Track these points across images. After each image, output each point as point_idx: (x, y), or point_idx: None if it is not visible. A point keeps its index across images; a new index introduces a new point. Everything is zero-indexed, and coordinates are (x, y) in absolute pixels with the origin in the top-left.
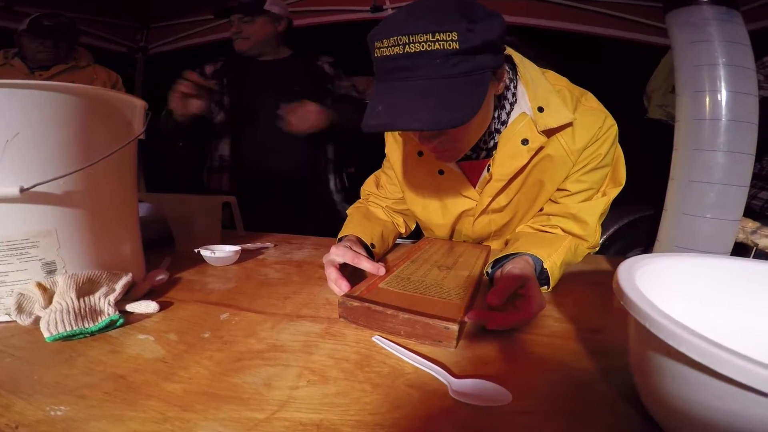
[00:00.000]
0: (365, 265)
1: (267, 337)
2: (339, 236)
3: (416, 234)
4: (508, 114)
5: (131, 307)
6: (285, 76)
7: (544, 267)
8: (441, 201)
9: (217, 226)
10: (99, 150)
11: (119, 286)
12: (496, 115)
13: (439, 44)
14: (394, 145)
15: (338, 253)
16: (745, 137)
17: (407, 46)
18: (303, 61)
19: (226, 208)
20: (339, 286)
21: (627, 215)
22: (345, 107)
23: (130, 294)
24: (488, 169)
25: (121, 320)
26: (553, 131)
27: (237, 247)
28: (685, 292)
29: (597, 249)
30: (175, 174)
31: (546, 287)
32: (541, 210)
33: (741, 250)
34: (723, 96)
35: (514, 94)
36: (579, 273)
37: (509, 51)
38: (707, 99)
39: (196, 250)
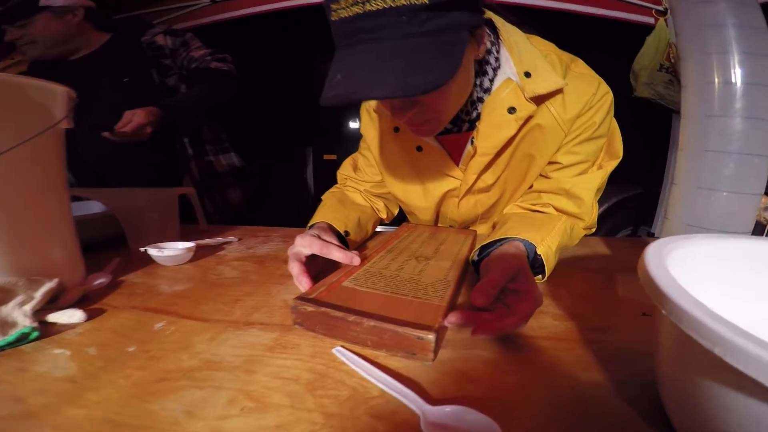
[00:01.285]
0: (336, 255)
1: (203, 351)
2: (309, 224)
3: (401, 220)
4: (491, 80)
5: (53, 317)
6: (103, 69)
7: (538, 253)
8: (421, 181)
9: (174, 221)
10: (7, 142)
11: (39, 294)
12: (477, 83)
13: None
14: (369, 122)
15: (304, 244)
16: (765, 102)
17: (367, 4)
18: (124, 42)
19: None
20: (301, 283)
21: (616, 194)
22: (216, 80)
23: (57, 302)
24: (472, 143)
25: (35, 333)
26: (543, 98)
27: (190, 244)
28: (718, 286)
29: (594, 230)
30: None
31: (540, 277)
32: (531, 187)
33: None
34: (735, 58)
35: (497, 59)
36: (573, 258)
37: (490, 14)
38: (714, 61)
39: (142, 249)
